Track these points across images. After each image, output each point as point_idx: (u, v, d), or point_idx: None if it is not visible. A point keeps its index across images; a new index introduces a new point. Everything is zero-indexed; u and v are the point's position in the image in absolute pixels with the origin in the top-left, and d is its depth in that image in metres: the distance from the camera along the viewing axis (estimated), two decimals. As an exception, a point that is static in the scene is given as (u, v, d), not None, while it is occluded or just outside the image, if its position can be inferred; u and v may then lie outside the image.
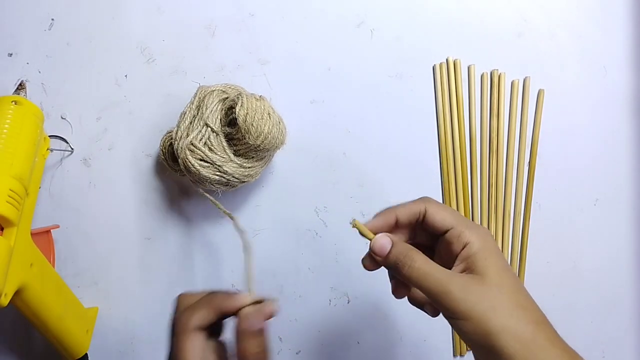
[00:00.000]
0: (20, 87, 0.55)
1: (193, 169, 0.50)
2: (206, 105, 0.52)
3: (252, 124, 0.50)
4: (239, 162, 0.52)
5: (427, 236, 0.38)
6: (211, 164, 0.51)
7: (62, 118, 0.59)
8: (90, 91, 0.60)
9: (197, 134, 0.51)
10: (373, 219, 0.38)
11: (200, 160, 0.51)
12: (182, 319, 0.36)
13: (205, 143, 0.51)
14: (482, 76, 0.61)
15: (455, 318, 0.32)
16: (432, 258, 0.35)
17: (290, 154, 0.58)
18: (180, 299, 0.38)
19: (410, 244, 0.37)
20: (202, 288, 0.58)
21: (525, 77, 0.61)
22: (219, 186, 0.53)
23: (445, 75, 0.61)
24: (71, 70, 0.60)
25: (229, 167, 0.51)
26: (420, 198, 0.38)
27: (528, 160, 0.60)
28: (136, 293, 0.58)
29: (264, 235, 0.58)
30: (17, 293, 0.43)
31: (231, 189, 0.54)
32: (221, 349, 0.37)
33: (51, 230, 0.55)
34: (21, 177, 0.45)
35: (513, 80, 0.61)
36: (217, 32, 0.61)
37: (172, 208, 0.59)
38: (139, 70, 0.60)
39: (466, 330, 0.32)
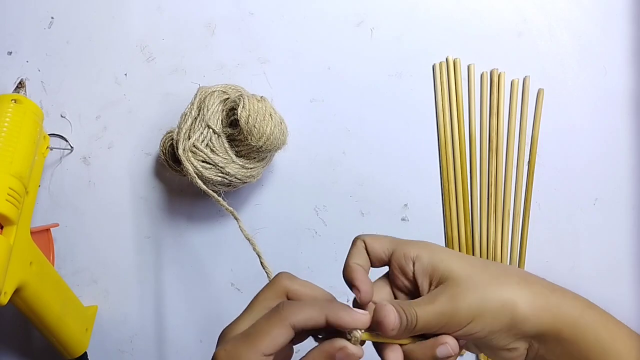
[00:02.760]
0: (20, 85, 0.55)
1: (196, 170, 0.51)
2: (207, 107, 0.52)
3: (254, 126, 0.50)
4: (241, 163, 0.52)
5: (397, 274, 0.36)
6: (213, 165, 0.51)
7: (61, 116, 0.59)
8: (89, 89, 0.60)
9: (199, 136, 0.51)
10: (359, 290, 0.34)
11: (203, 162, 0.51)
12: (288, 310, 0.31)
13: (207, 145, 0.51)
14: (482, 75, 0.61)
15: (465, 327, 0.32)
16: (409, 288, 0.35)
17: (289, 153, 0.58)
18: (283, 280, 0.35)
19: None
20: (199, 287, 0.58)
21: (525, 76, 0.61)
22: (220, 187, 0.53)
23: (445, 75, 0.61)
24: (71, 69, 0.60)
25: (231, 169, 0.51)
26: (354, 240, 0.37)
27: (527, 160, 0.60)
28: (135, 292, 0.58)
29: (264, 234, 0.58)
30: (17, 291, 0.43)
31: (232, 189, 0.54)
32: (289, 352, 0.34)
33: (51, 229, 0.55)
34: (21, 176, 0.45)
35: (513, 80, 0.61)
36: (217, 30, 0.61)
37: (172, 207, 0.59)
38: (139, 69, 0.60)
39: (480, 327, 0.32)
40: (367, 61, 0.61)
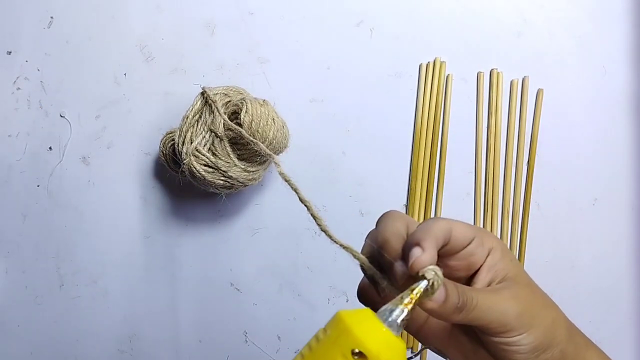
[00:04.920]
0: None
1: (198, 174, 0.50)
2: (209, 110, 0.52)
3: (257, 130, 0.50)
4: (243, 167, 0.52)
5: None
6: (216, 169, 0.51)
7: (61, 116, 0.59)
8: (89, 89, 0.60)
9: (202, 140, 0.51)
10: (423, 251, 0.29)
11: (205, 165, 0.51)
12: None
13: (209, 148, 0.51)
14: (480, 75, 0.61)
15: (516, 335, 0.30)
16: None
17: (289, 153, 0.58)
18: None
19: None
20: (199, 287, 0.58)
21: (525, 76, 0.61)
22: (222, 189, 0.53)
23: (430, 77, 0.61)
24: (70, 69, 0.60)
25: (234, 172, 0.51)
26: (435, 220, 0.31)
27: (527, 160, 0.60)
28: (135, 292, 0.58)
29: (263, 234, 0.58)
30: None
31: (234, 191, 0.54)
32: None
33: None
34: None
35: (512, 80, 0.61)
36: (216, 30, 0.61)
37: (171, 207, 0.59)
38: (139, 69, 0.60)
39: (528, 342, 0.30)
40: (366, 61, 0.61)
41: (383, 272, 0.31)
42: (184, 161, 0.51)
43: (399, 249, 0.30)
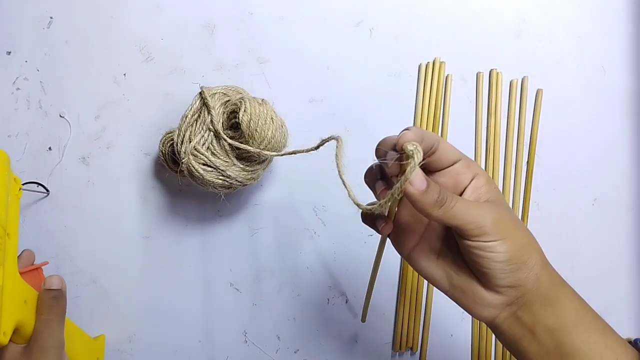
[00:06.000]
0: None
1: (197, 173, 0.51)
2: (208, 109, 0.52)
3: (255, 130, 0.50)
4: (241, 166, 0.52)
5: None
6: (215, 168, 0.51)
7: (60, 116, 0.59)
8: (88, 89, 0.60)
9: (200, 139, 0.51)
10: (409, 132, 0.34)
11: (204, 164, 0.51)
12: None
13: (208, 147, 0.51)
14: (480, 75, 0.61)
15: (491, 241, 0.33)
16: None
17: (289, 153, 0.58)
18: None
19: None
20: (199, 287, 0.58)
21: (524, 76, 0.61)
22: (221, 189, 0.53)
23: (430, 77, 0.61)
24: (70, 69, 0.60)
25: (232, 171, 0.51)
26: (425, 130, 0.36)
27: (526, 160, 0.60)
28: (135, 292, 0.58)
29: (263, 234, 0.58)
30: (17, 331, 0.43)
31: (232, 190, 0.54)
32: None
33: (42, 267, 0.55)
34: None
35: (512, 80, 0.61)
36: (216, 30, 0.61)
37: (171, 207, 0.59)
38: (138, 69, 0.60)
39: (503, 250, 0.33)
40: (366, 61, 0.61)
41: (385, 180, 0.37)
42: (183, 160, 0.51)
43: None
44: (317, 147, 0.42)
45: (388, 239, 0.40)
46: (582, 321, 0.34)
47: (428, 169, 0.37)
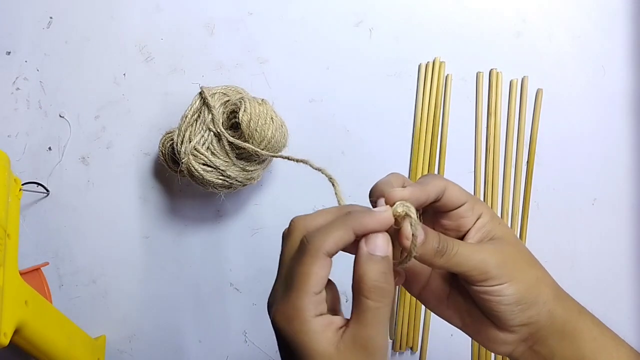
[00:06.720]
0: None
1: (197, 173, 0.51)
2: (208, 109, 0.52)
3: (255, 130, 0.50)
4: (241, 166, 0.52)
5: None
6: (214, 168, 0.51)
7: (60, 116, 0.59)
8: (88, 89, 0.60)
9: (200, 139, 0.51)
10: (402, 190, 0.32)
11: (204, 164, 0.51)
12: (315, 241, 0.30)
13: (208, 147, 0.51)
14: (480, 75, 0.61)
15: (497, 285, 0.32)
16: None
17: (288, 153, 0.58)
18: (297, 222, 0.34)
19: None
20: (198, 287, 0.58)
21: (524, 76, 0.61)
22: (221, 189, 0.53)
23: (430, 77, 0.61)
24: (69, 69, 0.60)
25: (232, 171, 0.51)
26: (432, 176, 0.35)
27: (526, 160, 0.60)
28: (135, 292, 0.58)
29: (263, 234, 0.58)
30: (17, 332, 0.43)
31: (232, 190, 0.54)
32: (331, 284, 0.34)
33: (41, 268, 0.55)
34: None
35: (512, 80, 0.61)
36: (215, 30, 0.61)
37: (171, 207, 0.59)
38: (138, 69, 0.60)
39: (510, 292, 0.32)
40: (366, 61, 0.61)
41: None
42: (183, 160, 0.51)
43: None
44: (311, 166, 0.42)
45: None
46: (602, 351, 0.34)
47: (434, 211, 0.36)
